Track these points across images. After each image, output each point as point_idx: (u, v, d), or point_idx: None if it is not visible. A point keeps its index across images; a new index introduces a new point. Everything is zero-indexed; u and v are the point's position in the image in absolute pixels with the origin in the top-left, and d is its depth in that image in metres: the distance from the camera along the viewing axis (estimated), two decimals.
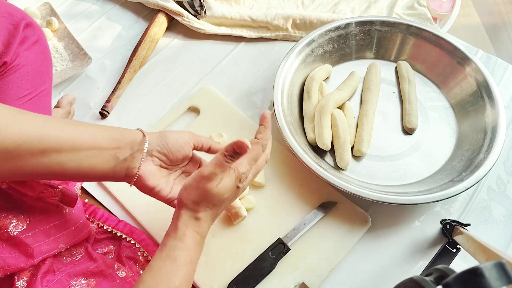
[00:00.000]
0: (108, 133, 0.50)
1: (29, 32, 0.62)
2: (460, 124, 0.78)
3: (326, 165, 0.72)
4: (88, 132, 0.49)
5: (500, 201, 0.72)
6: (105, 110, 0.81)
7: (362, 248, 0.67)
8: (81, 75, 0.88)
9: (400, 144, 0.76)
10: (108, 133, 0.50)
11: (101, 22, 0.97)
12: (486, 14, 1.00)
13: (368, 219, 0.68)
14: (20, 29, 0.60)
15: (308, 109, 0.77)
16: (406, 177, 0.72)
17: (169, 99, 0.84)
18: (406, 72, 0.82)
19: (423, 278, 0.37)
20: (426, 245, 0.68)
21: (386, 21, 0.84)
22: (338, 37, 0.84)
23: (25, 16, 0.62)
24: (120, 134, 0.51)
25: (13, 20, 0.60)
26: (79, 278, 0.52)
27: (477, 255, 0.54)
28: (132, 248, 0.64)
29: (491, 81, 0.75)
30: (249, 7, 0.97)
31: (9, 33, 0.59)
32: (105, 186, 0.72)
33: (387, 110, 0.80)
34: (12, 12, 0.60)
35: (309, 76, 0.80)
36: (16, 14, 0.61)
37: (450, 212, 0.71)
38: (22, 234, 0.51)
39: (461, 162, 0.71)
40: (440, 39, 0.81)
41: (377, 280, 0.65)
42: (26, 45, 0.62)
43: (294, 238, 0.65)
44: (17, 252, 0.50)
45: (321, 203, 0.69)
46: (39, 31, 0.65)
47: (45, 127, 0.46)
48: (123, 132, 0.52)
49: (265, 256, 0.63)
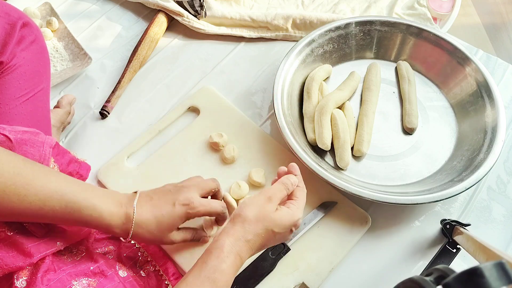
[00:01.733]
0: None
1: (26, 31, 0.62)
2: (460, 124, 0.78)
3: (326, 165, 0.72)
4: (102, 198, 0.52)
5: (500, 201, 0.72)
6: (105, 110, 0.81)
7: (362, 248, 0.67)
8: (81, 75, 0.88)
9: (400, 144, 0.76)
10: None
11: (101, 22, 0.97)
12: (486, 14, 1.00)
13: (368, 219, 0.68)
14: (17, 28, 0.60)
15: (308, 109, 0.77)
16: (406, 177, 0.72)
17: (169, 99, 0.84)
18: (406, 72, 0.82)
19: (423, 278, 0.37)
20: (426, 245, 0.68)
21: (386, 21, 0.84)
22: (338, 37, 0.84)
23: (22, 15, 0.62)
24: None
25: (9, 19, 0.60)
26: (80, 278, 0.52)
27: (477, 255, 0.54)
28: (132, 248, 0.64)
29: (491, 81, 0.75)
30: (249, 7, 0.97)
31: (6, 33, 0.59)
32: (105, 186, 0.72)
33: (387, 110, 0.80)
34: (9, 12, 0.60)
35: (309, 76, 0.80)
36: (13, 13, 0.61)
37: (450, 212, 0.71)
38: (18, 233, 0.51)
39: (461, 162, 0.71)
40: (440, 39, 0.81)
41: (377, 280, 0.65)
42: (23, 45, 0.62)
43: (294, 238, 0.65)
44: (15, 251, 0.50)
45: (321, 203, 0.69)
46: (36, 30, 0.64)
47: (68, 190, 0.50)
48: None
49: (265, 256, 0.63)
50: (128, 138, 0.79)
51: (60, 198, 0.49)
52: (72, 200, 0.50)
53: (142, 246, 0.64)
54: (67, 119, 0.78)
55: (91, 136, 0.80)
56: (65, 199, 0.50)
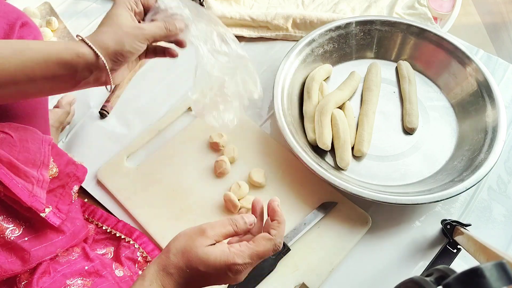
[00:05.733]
0: (58, 60, 0.48)
1: (25, 31, 0.62)
2: (461, 124, 0.78)
3: (326, 165, 0.72)
4: (39, 63, 0.47)
5: (500, 201, 0.72)
6: (104, 110, 0.81)
7: (362, 248, 0.67)
8: None
9: (400, 144, 0.76)
10: (58, 60, 0.48)
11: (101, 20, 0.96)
12: (487, 13, 1.00)
13: (368, 219, 0.68)
14: (16, 28, 0.60)
15: (308, 109, 0.76)
16: (406, 177, 0.72)
17: (169, 99, 0.84)
18: (406, 72, 0.82)
19: (423, 278, 0.37)
20: (426, 245, 0.68)
21: (387, 21, 0.84)
22: (338, 36, 0.84)
23: (21, 15, 0.62)
24: (71, 58, 0.48)
25: (8, 20, 0.60)
26: (75, 278, 0.52)
27: (478, 255, 0.53)
28: (131, 249, 0.64)
29: (491, 81, 0.75)
30: (249, 7, 0.97)
31: (5, 33, 0.59)
32: (104, 186, 0.72)
33: (388, 110, 0.80)
34: (8, 12, 0.60)
35: (309, 76, 0.80)
36: (12, 13, 0.60)
37: (450, 212, 0.71)
38: (18, 239, 0.51)
39: (462, 162, 0.71)
40: (440, 39, 0.81)
41: (378, 280, 0.65)
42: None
43: (294, 239, 0.65)
44: (14, 257, 0.50)
45: (321, 203, 0.69)
46: (35, 30, 0.64)
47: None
48: (73, 54, 0.49)
49: None
50: (128, 138, 0.79)
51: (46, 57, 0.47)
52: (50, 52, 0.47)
53: (142, 246, 0.64)
54: (66, 119, 0.78)
55: (91, 136, 0.80)
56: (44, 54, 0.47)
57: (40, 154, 0.54)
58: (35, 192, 0.51)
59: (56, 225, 0.53)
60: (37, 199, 0.50)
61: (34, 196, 0.50)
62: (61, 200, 0.57)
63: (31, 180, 0.51)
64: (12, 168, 0.49)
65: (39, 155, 0.54)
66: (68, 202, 0.58)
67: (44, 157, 0.55)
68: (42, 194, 0.52)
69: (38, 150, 0.54)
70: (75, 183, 0.61)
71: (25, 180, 0.50)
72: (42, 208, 0.51)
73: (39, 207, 0.51)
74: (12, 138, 0.51)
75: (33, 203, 0.50)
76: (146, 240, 0.66)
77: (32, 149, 0.53)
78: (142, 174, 0.73)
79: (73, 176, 0.61)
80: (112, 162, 0.74)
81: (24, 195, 0.49)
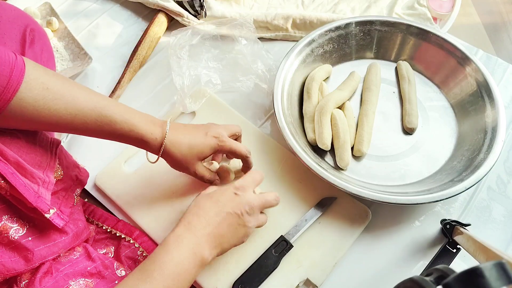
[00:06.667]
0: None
1: (35, 35, 0.62)
2: (460, 124, 0.78)
3: (326, 165, 0.72)
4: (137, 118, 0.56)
5: (500, 201, 0.72)
6: None
7: (362, 248, 0.67)
8: (81, 74, 0.88)
9: (400, 144, 0.76)
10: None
11: (101, 21, 0.96)
12: (486, 14, 1.00)
13: (368, 212, 0.68)
14: (27, 32, 0.61)
15: (308, 109, 0.77)
16: (406, 177, 0.72)
17: (168, 99, 0.84)
18: (406, 72, 0.82)
19: (423, 278, 0.37)
20: (426, 245, 0.68)
21: (386, 21, 0.84)
22: (338, 37, 0.84)
23: (31, 20, 0.63)
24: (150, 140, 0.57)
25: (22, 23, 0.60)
26: (77, 278, 0.52)
27: (477, 255, 0.54)
28: (131, 248, 0.64)
29: (491, 81, 0.75)
30: (249, 7, 0.97)
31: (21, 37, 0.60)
32: (102, 191, 0.72)
33: (387, 110, 0.80)
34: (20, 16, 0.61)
35: (309, 76, 0.80)
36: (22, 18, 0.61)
37: (450, 212, 0.71)
38: (22, 238, 0.51)
39: (461, 162, 0.71)
40: (440, 39, 0.81)
41: (377, 280, 0.65)
42: (35, 48, 0.62)
43: (296, 235, 0.65)
44: (17, 256, 0.50)
45: (321, 199, 0.69)
46: (44, 35, 0.65)
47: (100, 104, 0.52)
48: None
49: (268, 254, 0.63)
50: None
51: (90, 112, 0.50)
52: (103, 113, 0.51)
53: (142, 246, 0.64)
54: None
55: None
56: (95, 113, 0.51)
57: (47, 156, 0.54)
58: (40, 192, 0.51)
59: (60, 226, 0.53)
60: (42, 200, 0.51)
61: (39, 196, 0.50)
62: (63, 202, 0.57)
63: (36, 181, 0.51)
64: (19, 168, 0.50)
65: (46, 157, 0.54)
66: (71, 204, 0.58)
67: (51, 159, 0.55)
68: (47, 195, 0.52)
69: (45, 152, 0.54)
70: (78, 186, 0.61)
71: (31, 181, 0.50)
72: (46, 209, 0.51)
73: (44, 208, 0.51)
74: (20, 139, 0.52)
75: (38, 203, 0.50)
76: (146, 239, 0.66)
77: (39, 150, 0.54)
78: (140, 179, 0.72)
79: (77, 180, 0.61)
80: (110, 168, 0.74)
81: (29, 195, 0.49)
